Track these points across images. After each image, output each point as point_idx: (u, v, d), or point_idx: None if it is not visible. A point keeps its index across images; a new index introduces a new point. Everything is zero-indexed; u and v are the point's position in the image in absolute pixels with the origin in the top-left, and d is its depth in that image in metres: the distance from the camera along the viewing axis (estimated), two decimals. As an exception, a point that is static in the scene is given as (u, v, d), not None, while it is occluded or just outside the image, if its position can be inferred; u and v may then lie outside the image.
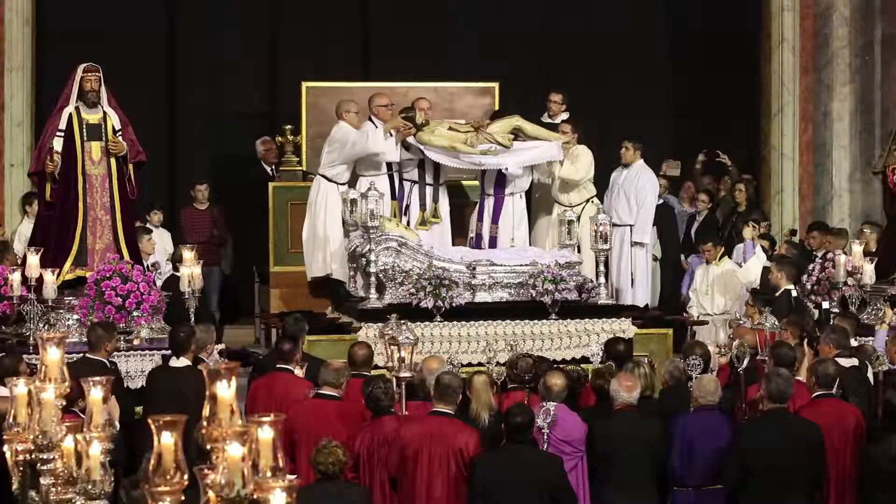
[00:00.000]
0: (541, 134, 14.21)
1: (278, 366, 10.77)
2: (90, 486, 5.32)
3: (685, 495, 9.70)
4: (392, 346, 9.94)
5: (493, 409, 9.78)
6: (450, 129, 13.88)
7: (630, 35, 18.90)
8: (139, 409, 10.79)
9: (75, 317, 12.51)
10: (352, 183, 14.10)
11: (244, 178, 16.81)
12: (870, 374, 10.70)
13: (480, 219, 14.24)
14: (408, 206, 14.11)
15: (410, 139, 13.82)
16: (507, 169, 13.89)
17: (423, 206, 14.12)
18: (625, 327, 12.86)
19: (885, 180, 15.21)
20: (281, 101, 17.73)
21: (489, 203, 14.18)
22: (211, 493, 4.65)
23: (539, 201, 14.87)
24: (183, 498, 4.74)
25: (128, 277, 12.42)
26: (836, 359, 10.40)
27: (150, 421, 4.76)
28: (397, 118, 13.90)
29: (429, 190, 14.14)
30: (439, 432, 9.19)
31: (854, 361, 10.72)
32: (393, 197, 13.98)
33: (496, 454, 9.14)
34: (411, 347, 9.89)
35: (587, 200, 14.49)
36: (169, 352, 11.15)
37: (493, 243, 14.06)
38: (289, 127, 15.81)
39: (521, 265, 13.04)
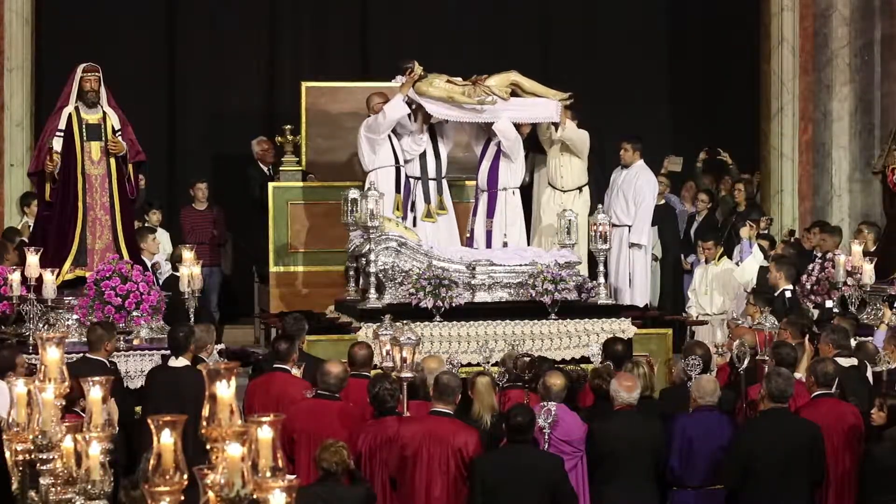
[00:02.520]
0: (538, 90, 14.21)
1: (275, 366, 10.77)
2: (90, 486, 5.32)
3: (685, 495, 9.69)
4: (394, 347, 9.94)
5: (496, 410, 9.79)
6: (447, 82, 13.92)
7: (630, 35, 18.91)
8: (139, 408, 10.79)
9: (75, 317, 12.50)
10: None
11: (244, 178, 16.81)
12: (869, 374, 10.70)
13: (475, 214, 14.25)
14: (413, 203, 14.11)
15: (411, 93, 13.81)
16: (495, 124, 13.87)
17: (427, 200, 14.12)
18: (624, 327, 12.85)
19: (884, 180, 15.21)
20: (281, 101, 17.74)
21: (483, 198, 14.18)
22: (211, 493, 4.66)
23: (540, 201, 14.87)
24: (183, 498, 4.74)
25: (127, 277, 12.41)
26: (836, 359, 10.40)
27: (149, 421, 4.76)
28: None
29: (432, 185, 14.15)
30: (439, 432, 9.20)
31: (854, 361, 10.72)
32: (397, 190, 13.96)
33: (496, 454, 9.14)
34: (413, 348, 9.89)
35: (579, 188, 14.47)
36: (168, 352, 11.14)
37: (488, 238, 14.05)
38: (288, 127, 15.79)
39: (521, 265, 13.03)
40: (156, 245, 14.58)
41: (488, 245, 13.93)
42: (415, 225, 13.87)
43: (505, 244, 13.86)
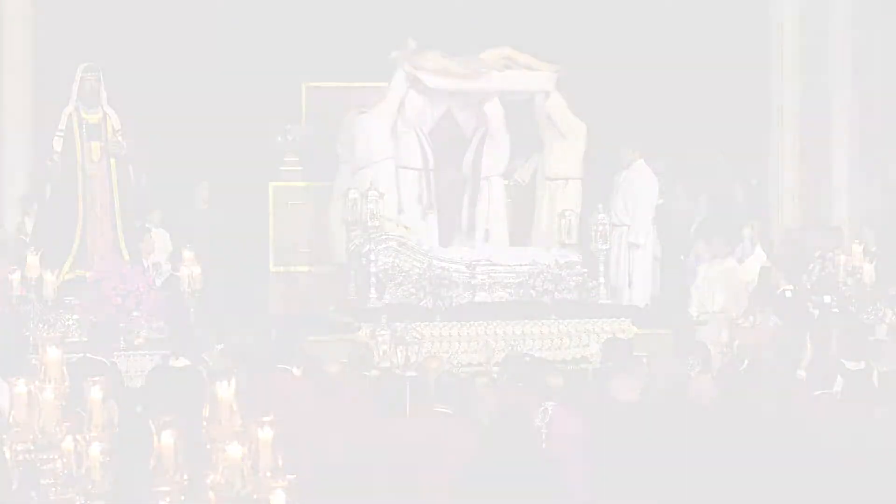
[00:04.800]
0: (532, 64, 14.27)
1: (277, 366, 10.77)
2: (90, 486, 5.32)
3: (684, 494, 9.69)
4: (397, 346, 9.96)
5: (495, 409, 9.79)
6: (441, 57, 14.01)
7: (630, 35, 18.89)
8: (139, 409, 10.79)
9: (75, 317, 12.50)
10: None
11: (244, 178, 16.80)
12: (874, 375, 10.71)
13: (461, 204, 14.23)
14: (420, 195, 14.06)
15: (408, 67, 13.82)
16: (485, 106, 13.90)
17: (429, 191, 14.08)
18: (624, 327, 12.86)
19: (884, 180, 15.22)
20: (281, 101, 17.74)
21: (468, 187, 14.17)
22: (211, 493, 4.66)
23: (539, 199, 14.86)
24: (183, 497, 4.75)
25: (127, 277, 12.41)
26: (839, 359, 10.41)
27: (150, 421, 4.77)
28: None
29: (431, 175, 14.12)
30: (439, 432, 9.20)
31: (856, 361, 10.72)
32: (397, 185, 13.91)
33: (495, 454, 9.14)
34: (417, 347, 9.91)
35: (565, 179, 14.44)
36: (169, 352, 11.14)
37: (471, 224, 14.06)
38: (289, 127, 15.79)
39: (521, 265, 13.04)
40: (152, 244, 14.57)
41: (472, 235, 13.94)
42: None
43: (486, 234, 13.85)
